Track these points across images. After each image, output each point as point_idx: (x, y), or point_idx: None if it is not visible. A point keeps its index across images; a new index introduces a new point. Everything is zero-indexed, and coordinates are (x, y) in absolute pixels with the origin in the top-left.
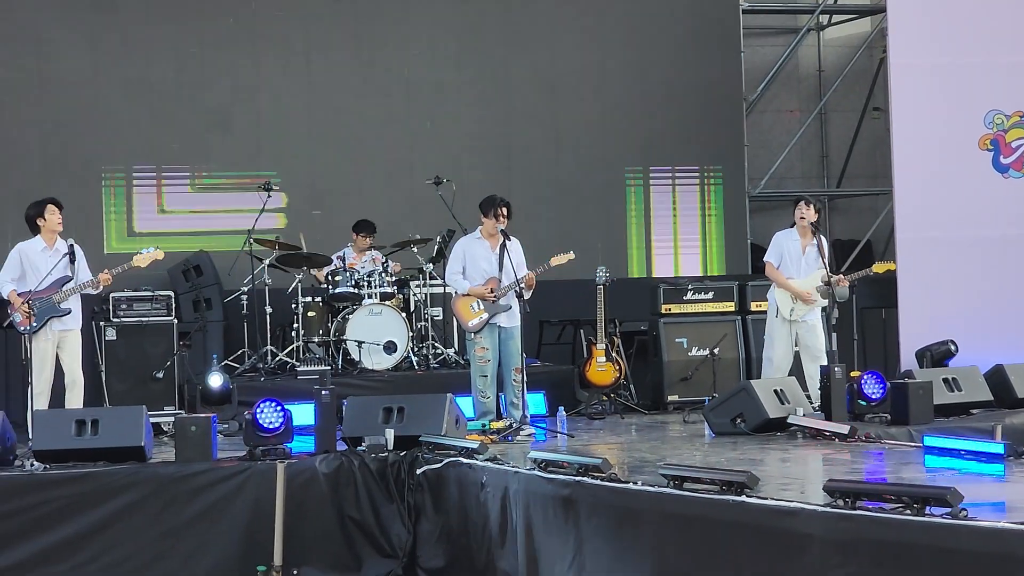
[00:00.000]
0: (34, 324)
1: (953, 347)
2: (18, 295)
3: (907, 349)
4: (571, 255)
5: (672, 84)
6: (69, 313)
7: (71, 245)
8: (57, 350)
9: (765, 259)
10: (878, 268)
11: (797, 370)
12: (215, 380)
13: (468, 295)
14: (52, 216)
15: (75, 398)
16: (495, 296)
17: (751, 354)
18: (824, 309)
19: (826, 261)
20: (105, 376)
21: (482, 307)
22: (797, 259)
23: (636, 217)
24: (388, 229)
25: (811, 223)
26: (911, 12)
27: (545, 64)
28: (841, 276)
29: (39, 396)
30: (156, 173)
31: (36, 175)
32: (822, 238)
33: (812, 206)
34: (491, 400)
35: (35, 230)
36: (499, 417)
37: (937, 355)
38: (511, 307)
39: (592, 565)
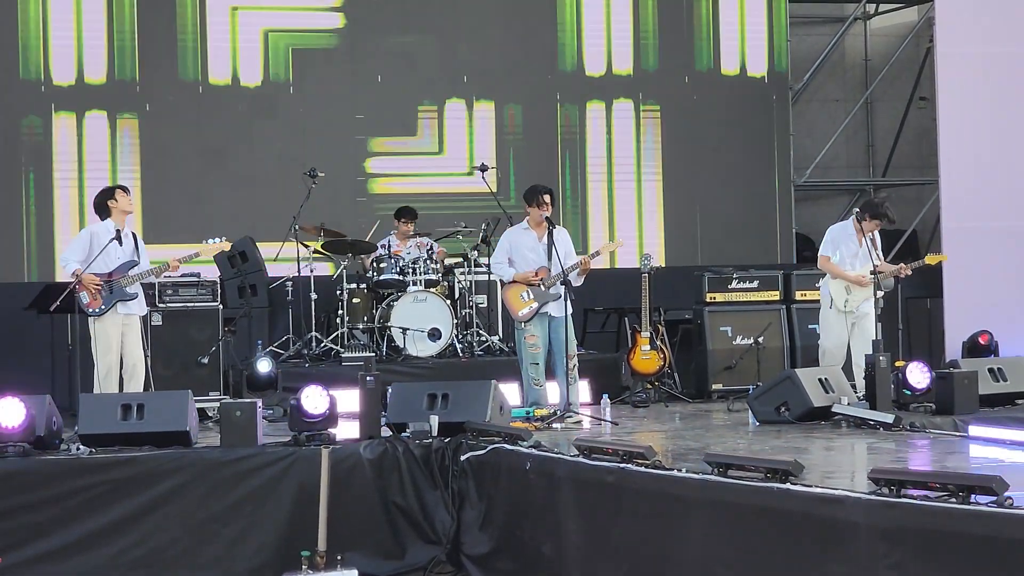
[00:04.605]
0: (102, 307)
1: (982, 339)
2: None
3: (952, 339)
4: (620, 242)
5: (718, 74)
6: (135, 298)
7: (133, 234)
8: (122, 333)
9: (821, 253)
10: (930, 260)
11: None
12: (263, 365)
13: (516, 284)
14: (123, 198)
15: (136, 382)
16: (542, 283)
17: (796, 343)
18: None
19: (879, 252)
20: (150, 361)
21: (532, 296)
22: (854, 254)
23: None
24: (433, 217)
25: None
26: (958, 1)
27: (592, 53)
28: (903, 265)
29: (104, 379)
30: None
31: None
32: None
33: (883, 220)
34: (543, 388)
35: (104, 214)
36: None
37: (969, 345)
38: (560, 296)
39: (636, 552)
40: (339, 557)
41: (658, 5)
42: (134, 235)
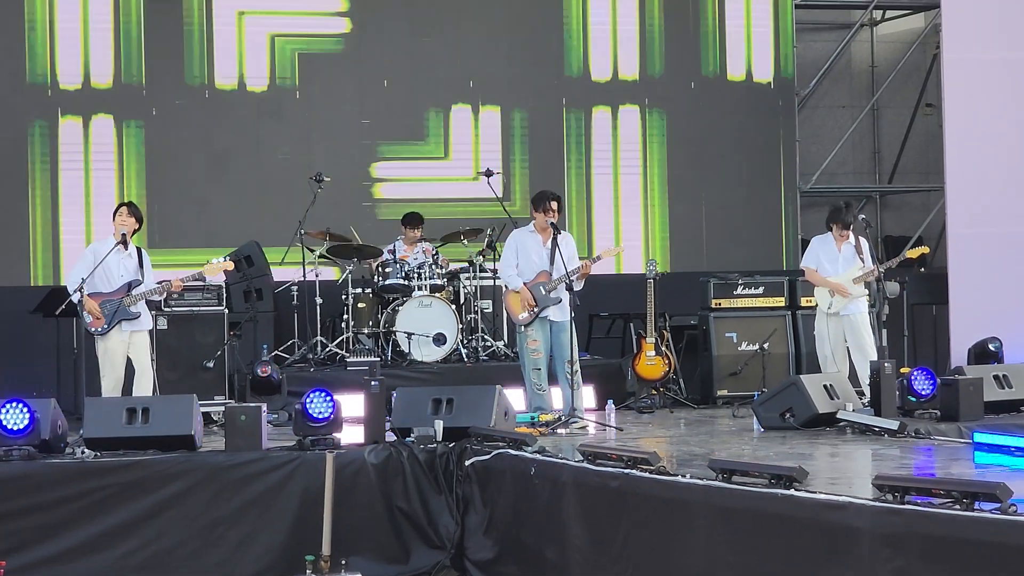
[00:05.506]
0: (104, 327)
1: (992, 346)
2: (89, 296)
3: (957, 345)
4: (622, 247)
5: (724, 80)
6: (138, 316)
7: (139, 250)
8: (127, 349)
9: (802, 265)
10: (911, 253)
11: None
12: (264, 369)
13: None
14: (118, 217)
15: (143, 391)
16: (542, 287)
17: (801, 349)
18: (872, 306)
19: (864, 257)
20: (156, 365)
21: (533, 300)
22: (834, 259)
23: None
24: (439, 222)
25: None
26: (965, 7)
27: (599, 58)
28: (877, 266)
29: (109, 394)
30: None
31: None
32: (859, 237)
33: (849, 227)
34: (546, 393)
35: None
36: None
37: (977, 352)
38: (561, 300)
39: (640, 558)
40: (343, 561)
41: (664, 10)
42: (140, 252)
